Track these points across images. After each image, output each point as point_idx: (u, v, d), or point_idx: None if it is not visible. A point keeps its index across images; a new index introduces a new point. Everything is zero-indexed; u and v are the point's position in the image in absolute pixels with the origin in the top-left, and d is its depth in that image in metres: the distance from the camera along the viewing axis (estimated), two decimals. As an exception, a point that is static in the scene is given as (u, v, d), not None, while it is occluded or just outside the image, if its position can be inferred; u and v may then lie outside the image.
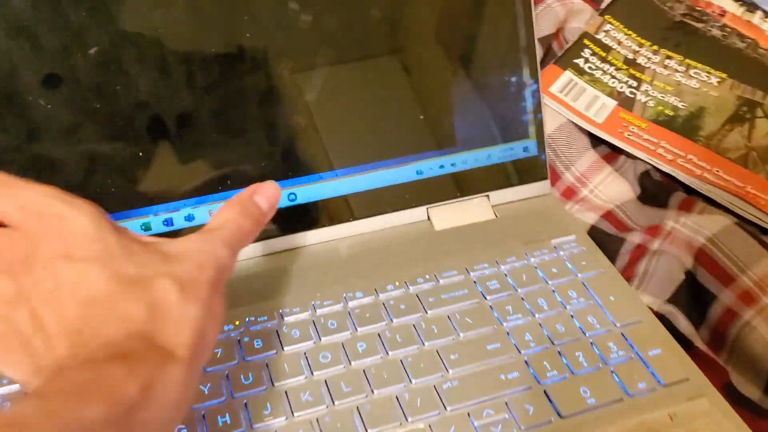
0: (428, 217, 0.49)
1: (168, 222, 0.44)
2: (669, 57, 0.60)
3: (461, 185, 0.49)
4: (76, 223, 0.28)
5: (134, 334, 0.26)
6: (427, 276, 0.45)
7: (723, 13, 0.64)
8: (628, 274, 0.47)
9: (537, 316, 0.43)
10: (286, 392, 0.38)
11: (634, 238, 0.48)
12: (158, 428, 0.26)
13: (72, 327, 0.26)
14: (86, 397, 0.24)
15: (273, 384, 0.38)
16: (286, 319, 0.42)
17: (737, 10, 0.65)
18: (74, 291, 0.27)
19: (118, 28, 0.41)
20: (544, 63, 0.59)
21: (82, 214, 0.28)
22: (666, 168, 0.52)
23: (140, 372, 0.25)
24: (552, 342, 0.41)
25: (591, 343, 0.41)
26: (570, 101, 0.56)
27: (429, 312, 0.43)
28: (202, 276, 0.29)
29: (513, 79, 0.49)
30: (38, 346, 0.26)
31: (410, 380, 0.39)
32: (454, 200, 0.49)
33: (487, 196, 0.50)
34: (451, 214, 0.49)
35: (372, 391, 0.38)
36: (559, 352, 0.41)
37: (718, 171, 0.52)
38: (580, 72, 0.58)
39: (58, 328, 0.26)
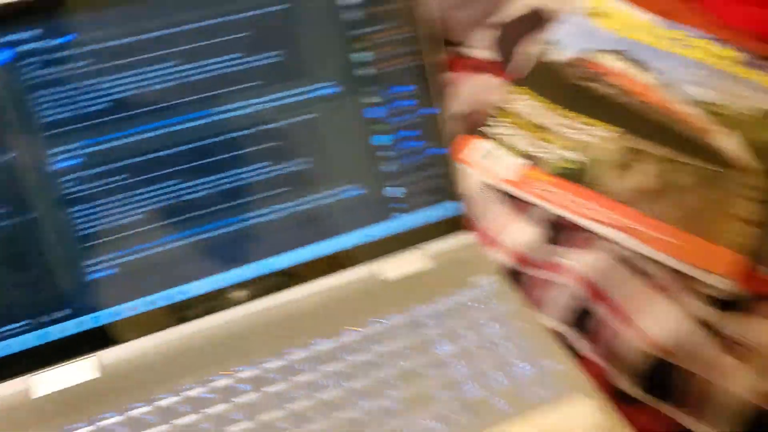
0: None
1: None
2: (572, 118, 0.72)
3: (398, 242, 0.62)
4: None
5: None
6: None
7: (607, 72, 0.76)
8: (534, 302, 0.59)
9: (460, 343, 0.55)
10: None
11: (540, 274, 0.61)
12: None
13: None
14: None
15: None
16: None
17: (621, 67, 0.77)
18: None
19: None
20: (463, 133, 0.72)
21: None
22: (568, 214, 0.65)
23: None
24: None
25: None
26: (486, 165, 0.69)
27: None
28: None
29: (432, 152, 0.62)
30: None
31: None
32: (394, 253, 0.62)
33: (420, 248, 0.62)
34: (395, 266, 0.61)
35: None
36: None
37: (610, 213, 0.65)
38: (496, 140, 0.71)
39: None
